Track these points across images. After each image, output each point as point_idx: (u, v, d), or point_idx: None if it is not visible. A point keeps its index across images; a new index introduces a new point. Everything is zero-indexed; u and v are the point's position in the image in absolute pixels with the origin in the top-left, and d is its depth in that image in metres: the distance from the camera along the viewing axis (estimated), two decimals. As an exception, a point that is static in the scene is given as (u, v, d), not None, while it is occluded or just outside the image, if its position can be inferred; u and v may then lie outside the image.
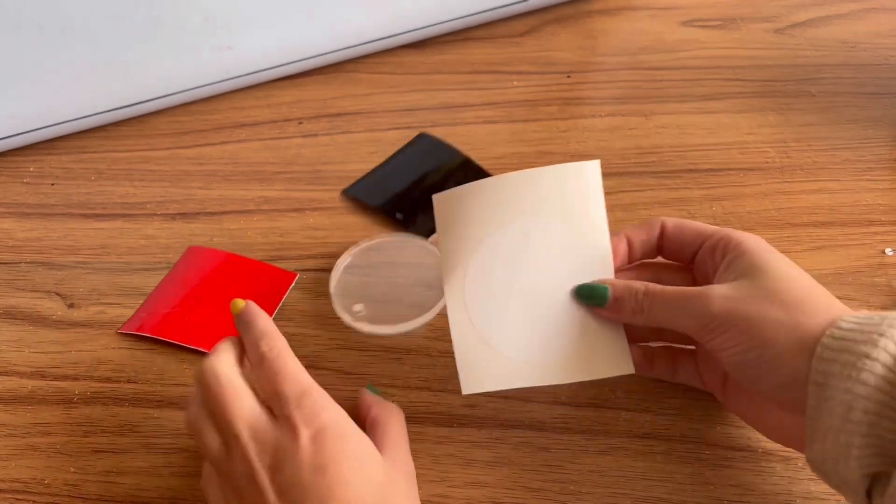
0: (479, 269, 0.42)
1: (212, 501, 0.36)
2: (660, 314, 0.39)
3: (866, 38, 0.67)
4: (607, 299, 0.40)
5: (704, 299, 0.37)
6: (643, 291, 0.39)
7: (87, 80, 0.59)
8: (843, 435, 0.32)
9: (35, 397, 0.46)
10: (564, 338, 0.41)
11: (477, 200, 0.42)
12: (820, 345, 0.33)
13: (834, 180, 0.55)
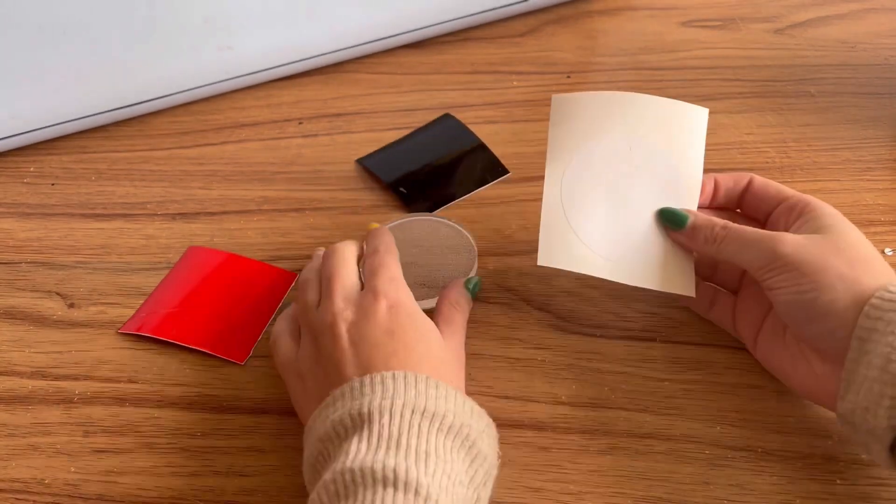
0: (581, 163, 0.46)
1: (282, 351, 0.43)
2: (730, 247, 0.42)
3: (866, 38, 0.67)
4: (686, 225, 0.44)
5: (777, 239, 0.40)
6: (721, 225, 0.43)
7: (87, 80, 0.59)
8: (878, 385, 0.35)
9: (35, 397, 0.46)
10: (641, 247, 0.45)
11: (593, 107, 0.47)
12: (868, 304, 0.36)
13: (834, 180, 0.55)
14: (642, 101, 0.47)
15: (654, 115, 0.47)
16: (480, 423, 0.37)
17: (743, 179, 0.46)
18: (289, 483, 0.42)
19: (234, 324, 0.49)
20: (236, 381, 0.47)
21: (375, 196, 0.57)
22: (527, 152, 0.59)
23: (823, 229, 0.40)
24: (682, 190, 0.46)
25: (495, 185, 0.57)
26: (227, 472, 0.43)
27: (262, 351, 0.48)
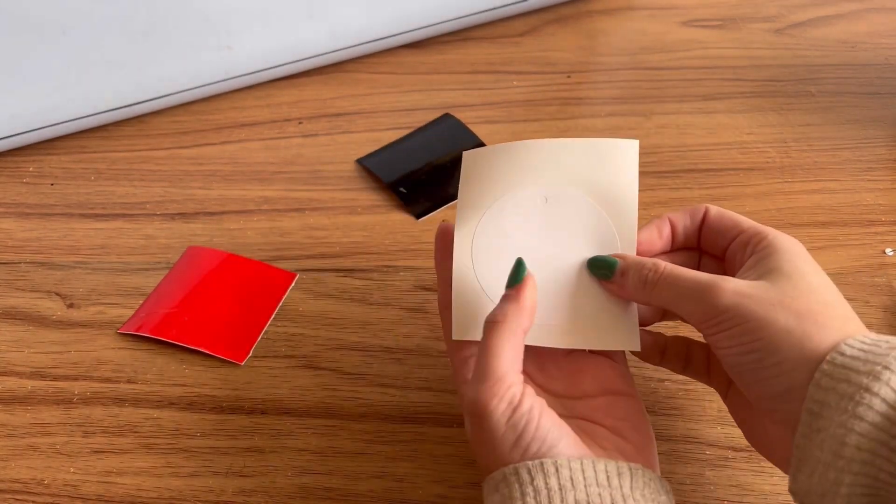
0: (493, 224, 0.41)
1: None
2: (665, 294, 0.36)
3: (866, 38, 0.67)
4: (615, 272, 0.38)
5: (715, 289, 0.34)
6: (651, 268, 0.37)
7: (86, 80, 0.59)
8: (833, 471, 0.30)
9: (35, 397, 0.46)
10: (571, 305, 0.39)
11: (504, 161, 0.42)
12: (819, 370, 0.31)
13: (834, 180, 0.55)
14: (558, 146, 0.42)
15: (570, 159, 0.42)
16: None
17: (698, 213, 0.40)
18: (288, 483, 0.42)
19: (234, 324, 0.49)
20: (236, 382, 0.46)
21: (375, 196, 0.57)
22: (527, 152, 0.59)
23: (773, 273, 0.34)
24: (616, 239, 0.40)
25: (495, 185, 0.57)
26: (226, 473, 0.43)
27: (261, 351, 0.48)
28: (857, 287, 0.49)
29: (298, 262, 0.53)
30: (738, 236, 0.38)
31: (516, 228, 0.41)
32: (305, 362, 0.47)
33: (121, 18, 0.57)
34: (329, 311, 0.50)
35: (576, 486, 0.31)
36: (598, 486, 0.31)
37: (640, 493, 0.32)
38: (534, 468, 0.31)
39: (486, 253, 0.40)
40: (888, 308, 0.48)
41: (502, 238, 0.41)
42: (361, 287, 0.51)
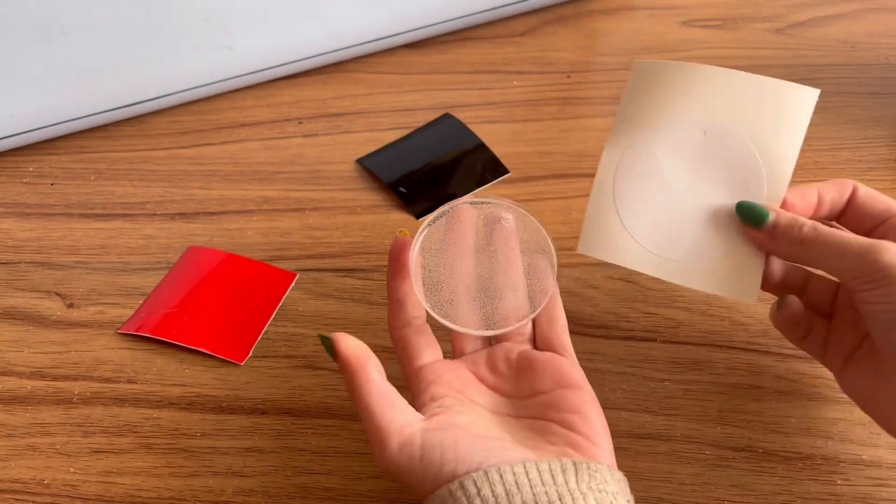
0: (644, 146, 0.40)
1: None
2: (820, 252, 0.36)
3: (866, 38, 0.67)
4: (766, 222, 0.38)
5: (879, 246, 0.34)
6: (810, 225, 0.37)
7: (87, 80, 0.59)
8: None
9: (34, 397, 0.46)
10: (700, 244, 0.39)
11: (675, 81, 0.41)
12: None
13: (834, 180, 0.55)
14: (734, 78, 0.40)
15: (745, 96, 0.40)
16: None
17: (847, 188, 0.40)
18: (287, 483, 0.42)
19: (234, 324, 0.49)
20: (235, 382, 0.46)
21: (375, 196, 0.57)
22: (527, 152, 0.59)
23: None
24: (762, 184, 0.39)
25: (495, 185, 0.57)
26: (225, 473, 0.42)
27: (261, 351, 0.48)
28: (857, 287, 0.49)
29: (298, 262, 0.53)
30: (890, 218, 0.38)
31: (666, 156, 0.40)
32: (305, 362, 0.47)
33: (121, 18, 0.57)
34: (329, 311, 0.50)
35: (521, 489, 0.31)
36: (544, 485, 0.32)
37: (585, 485, 0.32)
38: (479, 479, 0.32)
39: (630, 174, 0.40)
40: (888, 308, 0.48)
41: (649, 163, 0.40)
42: (361, 287, 0.51)
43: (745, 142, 0.40)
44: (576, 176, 0.57)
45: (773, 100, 0.40)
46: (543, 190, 0.56)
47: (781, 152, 0.39)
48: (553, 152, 0.59)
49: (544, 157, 0.58)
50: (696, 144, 0.40)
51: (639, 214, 0.40)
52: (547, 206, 0.55)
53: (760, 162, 0.39)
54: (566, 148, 0.59)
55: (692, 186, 0.40)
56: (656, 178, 0.40)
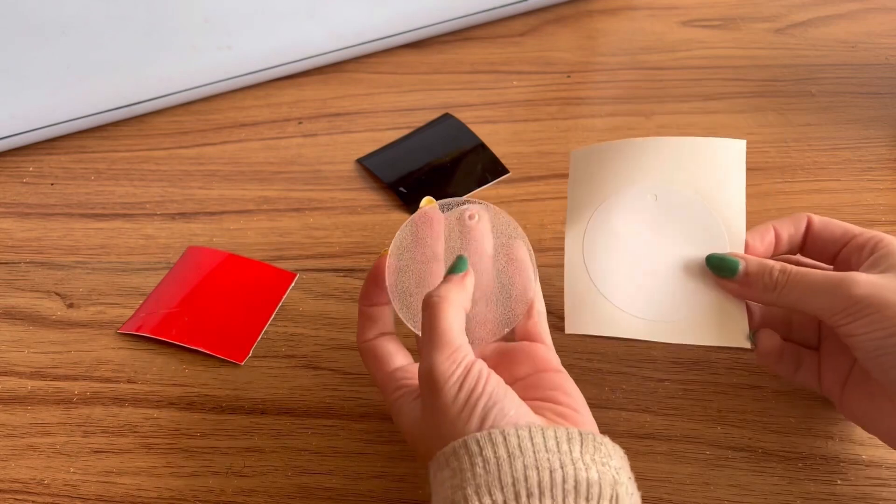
0: (603, 222, 0.42)
1: None
2: (794, 293, 0.38)
3: (866, 38, 0.67)
4: (738, 272, 0.40)
5: (849, 280, 0.36)
6: (779, 269, 0.38)
7: (87, 80, 0.59)
8: None
9: (34, 397, 0.46)
10: (679, 301, 0.41)
11: (612, 159, 0.43)
12: None
13: (834, 180, 0.55)
14: (665, 144, 0.43)
15: (679, 157, 0.43)
16: None
17: (801, 222, 0.41)
18: (288, 483, 0.42)
19: (234, 324, 0.49)
20: (235, 382, 0.46)
21: (375, 196, 0.57)
22: (527, 152, 0.59)
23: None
24: (724, 237, 0.41)
25: (495, 185, 0.57)
26: (226, 473, 0.43)
27: (261, 351, 0.48)
28: (857, 287, 0.49)
29: (298, 262, 0.53)
30: (851, 241, 0.40)
31: (626, 226, 0.42)
32: (305, 362, 0.47)
33: (121, 18, 0.57)
34: (329, 311, 0.50)
35: (524, 453, 0.31)
36: (548, 452, 0.32)
37: (589, 457, 0.32)
38: (482, 439, 0.32)
39: (597, 250, 0.42)
40: (888, 308, 0.48)
41: (612, 236, 0.42)
42: (361, 287, 0.51)
43: (694, 198, 0.42)
44: (576, 176, 0.57)
45: (706, 156, 0.43)
46: (543, 190, 0.56)
47: (728, 200, 0.42)
48: (553, 152, 0.59)
49: (544, 157, 0.58)
50: (650, 209, 0.42)
51: (617, 285, 0.41)
52: (547, 206, 0.55)
53: (715, 214, 0.42)
54: (566, 148, 0.59)
55: (659, 248, 0.42)
56: (622, 248, 0.42)
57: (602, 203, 0.43)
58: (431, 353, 0.34)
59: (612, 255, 0.42)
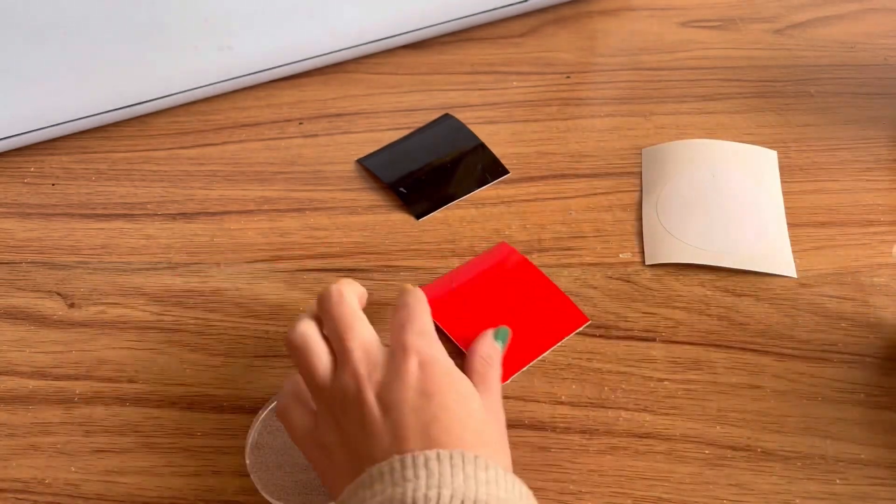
0: (672, 190, 0.54)
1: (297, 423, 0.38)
2: None
3: (865, 39, 0.67)
4: None
5: None
6: None
7: (87, 80, 0.59)
8: None
9: (36, 397, 0.46)
10: (736, 238, 0.51)
11: (676, 152, 0.57)
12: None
13: (833, 180, 0.55)
14: (717, 145, 0.57)
15: (729, 153, 0.57)
16: None
17: None
18: (289, 482, 0.42)
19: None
20: (236, 381, 0.47)
21: (375, 196, 0.57)
22: (527, 152, 0.59)
23: None
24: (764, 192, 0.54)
25: (495, 185, 0.57)
26: (227, 472, 0.43)
27: (262, 351, 0.48)
28: (856, 287, 0.49)
29: (298, 262, 0.53)
30: None
31: (691, 191, 0.54)
32: (306, 362, 0.47)
33: (121, 18, 0.57)
34: (329, 311, 0.50)
35: None
36: None
37: None
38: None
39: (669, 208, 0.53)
40: (887, 308, 0.48)
41: (680, 197, 0.54)
42: (362, 287, 0.51)
43: (745, 179, 0.55)
44: (575, 176, 0.57)
45: (749, 156, 0.57)
46: (543, 190, 0.56)
47: (771, 193, 0.54)
48: (553, 152, 0.59)
49: (544, 158, 0.58)
50: (709, 182, 0.55)
51: (686, 230, 0.52)
52: (546, 206, 0.55)
53: (759, 196, 0.54)
54: (566, 148, 0.59)
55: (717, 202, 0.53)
56: (689, 205, 0.53)
57: (671, 180, 0.55)
58: None
59: (681, 211, 0.53)
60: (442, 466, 0.32)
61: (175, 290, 0.52)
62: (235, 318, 0.50)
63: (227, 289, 0.51)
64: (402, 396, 0.35)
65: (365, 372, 0.36)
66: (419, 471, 0.32)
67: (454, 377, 0.37)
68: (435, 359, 0.37)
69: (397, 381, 0.36)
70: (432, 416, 0.35)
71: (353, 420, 0.36)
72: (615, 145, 0.59)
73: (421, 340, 0.38)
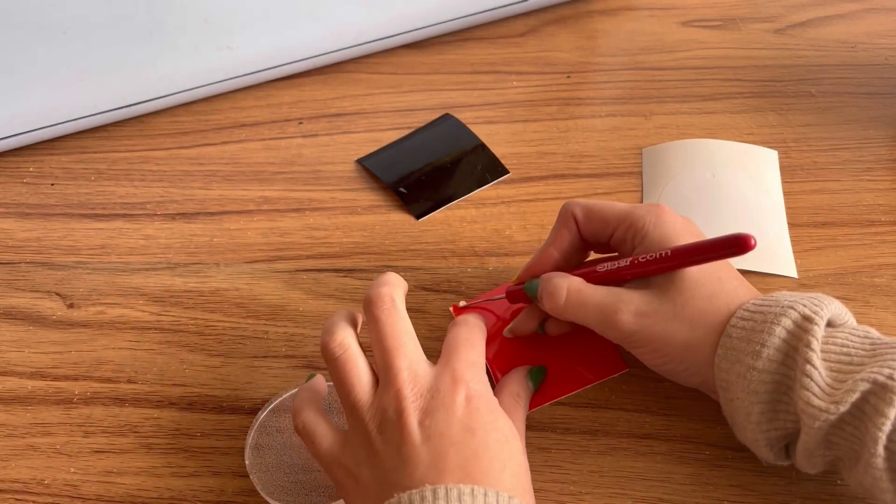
0: (673, 189, 0.54)
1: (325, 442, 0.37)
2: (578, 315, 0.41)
3: (866, 39, 0.67)
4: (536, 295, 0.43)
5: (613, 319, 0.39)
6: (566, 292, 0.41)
7: (87, 80, 0.59)
8: (749, 431, 0.38)
9: (35, 397, 0.46)
10: None
11: (677, 151, 0.57)
12: (717, 356, 0.38)
13: (834, 180, 0.55)
14: (718, 145, 0.57)
15: (729, 153, 0.56)
16: None
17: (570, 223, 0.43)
18: (288, 482, 0.42)
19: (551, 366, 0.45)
20: (236, 382, 0.47)
21: (375, 196, 0.57)
22: (527, 152, 0.59)
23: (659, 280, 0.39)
24: (763, 193, 0.53)
25: (495, 185, 0.57)
26: (226, 473, 0.43)
27: (262, 351, 0.48)
28: (856, 287, 0.49)
29: (298, 262, 0.53)
30: (613, 233, 0.42)
31: (692, 191, 0.54)
32: (305, 362, 0.47)
33: (121, 18, 0.57)
34: (329, 311, 0.50)
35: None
36: None
37: None
38: None
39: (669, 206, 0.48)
40: (888, 308, 0.48)
41: (681, 197, 0.53)
42: (361, 287, 0.51)
43: (745, 179, 0.54)
44: (575, 176, 0.57)
45: (750, 156, 0.56)
46: (543, 190, 0.56)
47: (771, 192, 0.54)
48: (553, 152, 0.59)
49: (544, 158, 0.58)
50: (710, 181, 0.54)
51: None
52: (546, 206, 0.55)
53: (759, 195, 0.54)
54: (566, 148, 0.59)
55: (717, 203, 0.53)
56: (691, 203, 0.53)
57: (672, 179, 0.55)
58: None
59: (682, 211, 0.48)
60: (475, 502, 0.31)
61: (174, 290, 0.52)
62: (235, 319, 0.50)
63: (226, 289, 0.51)
64: (446, 428, 0.34)
65: (410, 395, 0.35)
66: (451, 503, 0.31)
67: (497, 416, 0.36)
68: (481, 394, 0.36)
69: (443, 411, 0.35)
70: (472, 452, 0.34)
71: (390, 442, 0.35)
72: (615, 145, 0.59)
73: (471, 372, 0.37)
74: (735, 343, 0.37)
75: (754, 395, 0.36)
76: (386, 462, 0.34)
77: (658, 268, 0.39)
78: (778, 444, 0.38)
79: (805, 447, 0.36)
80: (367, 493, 0.35)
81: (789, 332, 0.36)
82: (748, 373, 0.36)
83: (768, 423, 0.37)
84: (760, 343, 0.36)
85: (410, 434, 0.34)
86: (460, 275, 0.51)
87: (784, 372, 0.36)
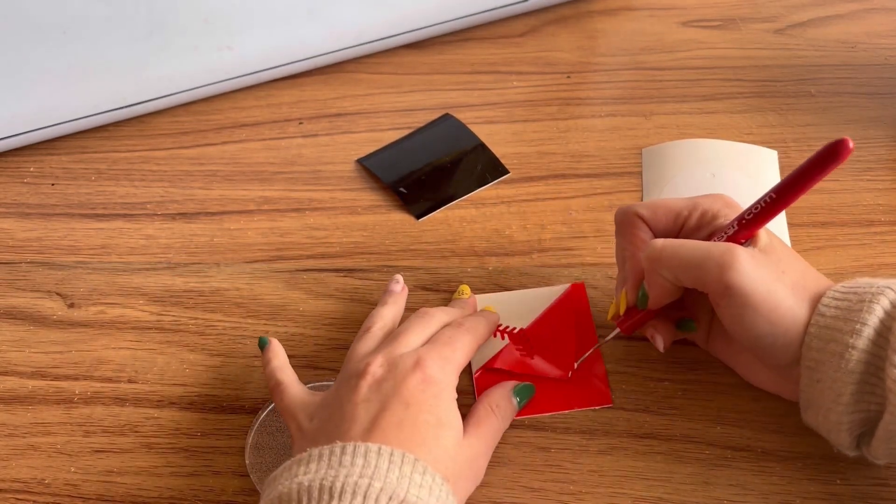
0: (672, 189, 0.54)
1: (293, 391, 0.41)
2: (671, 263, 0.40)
3: (866, 39, 0.67)
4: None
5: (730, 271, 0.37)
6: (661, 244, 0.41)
7: (87, 80, 0.59)
8: (833, 413, 0.37)
9: (35, 397, 0.46)
10: None
11: (677, 151, 0.57)
12: (807, 335, 0.37)
13: (834, 180, 0.55)
14: (718, 144, 0.57)
15: (729, 153, 0.56)
16: None
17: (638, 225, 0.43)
18: (289, 483, 0.42)
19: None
20: (236, 382, 0.47)
21: (375, 196, 0.57)
22: (527, 152, 0.59)
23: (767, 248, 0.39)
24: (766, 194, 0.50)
25: (495, 185, 0.57)
26: (226, 473, 0.43)
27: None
28: (856, 287, 0.49)
29: (298, 262, 0.53)
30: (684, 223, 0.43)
31: (691, 192, 0.51)
32: (305, 362, 0.47)
33: (121, 18, 0.57)
34: (329, 311, 0.50)
35: None
36: None
37: None
38: None
39: None
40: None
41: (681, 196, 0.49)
42: (361, 287, 0.51)
43: (745, 179, 0.54)
44: (575, 176, 0.57)
45: (750, 156, 0.56)
46: (543, 190, 0.56)
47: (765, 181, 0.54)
48: (553, 152, 0.59)
49: (544, 158, 0.58)
50: (710, 180, 0.55)
51: None
52: (546, 206, 0.55)
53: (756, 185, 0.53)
54: (566, 148, 0.59)
55: None
56: None
57: (671, 179, 0.55)
58: None
59: None
60: (380, 460, 0.33)
61: (175, 290, 0.52)
62: (235, 318, 0.50)
63: (226, 289, 0.51)
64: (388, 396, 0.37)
65: (376, 363, 0.39)
66: (357, 459, 0.33)
67: (440, 403, 0.38)
68: (437, 381, 0.38)
69: (392, 382, 0.38)
70: (398, 421, 0.36)
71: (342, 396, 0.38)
72: (615, 145, 0.59)
73: (438, 363, 0.39)
74: (830, 321, 0.37)
75: (850, 375, 0.36)
76: (331, 413, 0.38)
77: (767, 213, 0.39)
78: (857, 430, 0.38)
79: (887, 429, 0.36)
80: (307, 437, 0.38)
81: (887, 313, 0.37)
82: (846, 352, 0.36)
83: (855, 404, 0.37)
84: (861, 322, 0.36)
85: (358, 394, 0.38)
86: (460, 275, 0.51)
87: (876, 352, 0.36)
